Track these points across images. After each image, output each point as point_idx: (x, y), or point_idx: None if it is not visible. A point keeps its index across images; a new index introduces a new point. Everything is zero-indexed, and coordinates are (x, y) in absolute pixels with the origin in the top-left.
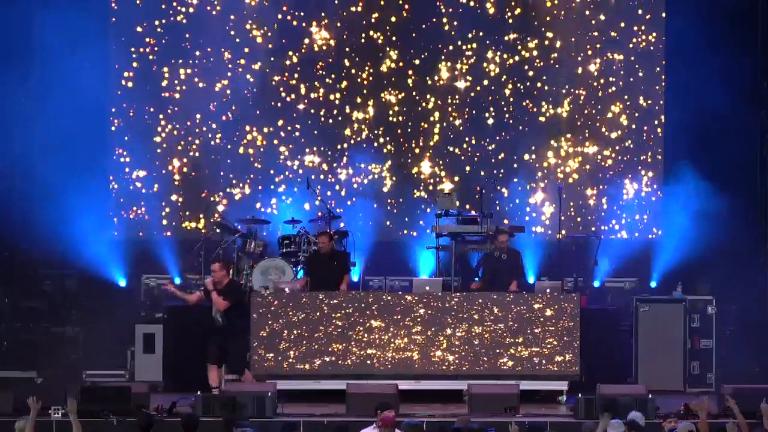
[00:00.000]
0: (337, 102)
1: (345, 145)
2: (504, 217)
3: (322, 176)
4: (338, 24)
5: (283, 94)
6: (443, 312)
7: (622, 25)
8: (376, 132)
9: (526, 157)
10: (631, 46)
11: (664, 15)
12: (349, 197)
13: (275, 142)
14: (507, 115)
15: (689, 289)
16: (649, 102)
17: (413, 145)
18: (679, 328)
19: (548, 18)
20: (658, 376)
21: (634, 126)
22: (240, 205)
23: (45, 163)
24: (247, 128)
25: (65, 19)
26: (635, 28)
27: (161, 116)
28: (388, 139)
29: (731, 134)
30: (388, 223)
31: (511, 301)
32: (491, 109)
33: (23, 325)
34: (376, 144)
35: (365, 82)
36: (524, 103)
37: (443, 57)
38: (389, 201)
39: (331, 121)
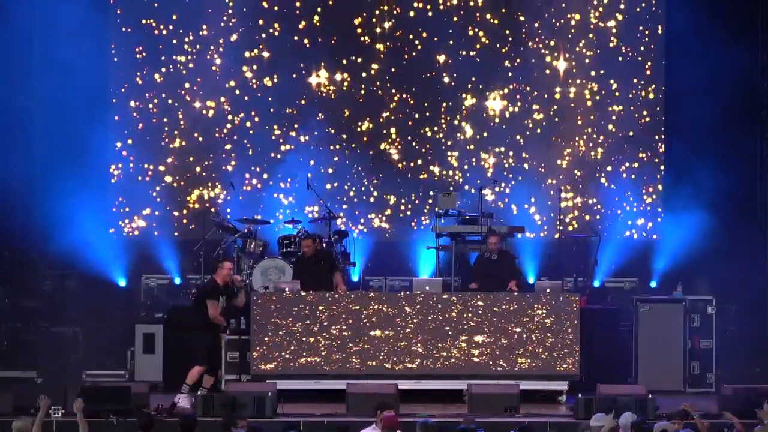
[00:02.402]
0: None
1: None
2: (502, 218)
3: (328, 186)
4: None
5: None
6: (444, 312)
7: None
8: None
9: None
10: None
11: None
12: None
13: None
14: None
15: (689, 289)
16: (651, 99)
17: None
18: (679, 328)
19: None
20: (658, 376)
21: (633, 133)
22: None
23: (45, 163)
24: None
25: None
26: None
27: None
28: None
29: (731, 134)
30: (386, 225)
31: (511, 302)
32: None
33: (23, 325)
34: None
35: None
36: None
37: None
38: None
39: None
